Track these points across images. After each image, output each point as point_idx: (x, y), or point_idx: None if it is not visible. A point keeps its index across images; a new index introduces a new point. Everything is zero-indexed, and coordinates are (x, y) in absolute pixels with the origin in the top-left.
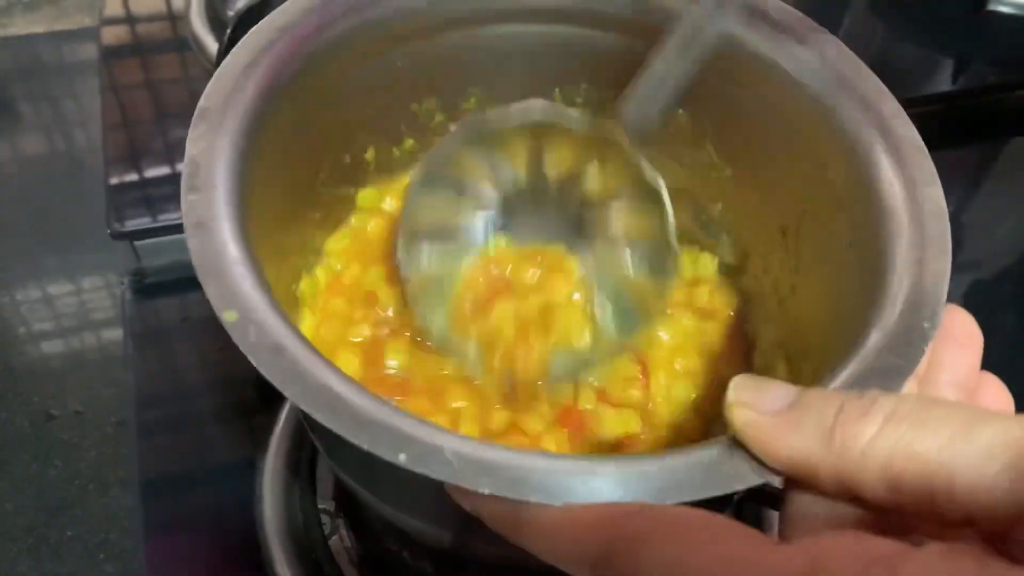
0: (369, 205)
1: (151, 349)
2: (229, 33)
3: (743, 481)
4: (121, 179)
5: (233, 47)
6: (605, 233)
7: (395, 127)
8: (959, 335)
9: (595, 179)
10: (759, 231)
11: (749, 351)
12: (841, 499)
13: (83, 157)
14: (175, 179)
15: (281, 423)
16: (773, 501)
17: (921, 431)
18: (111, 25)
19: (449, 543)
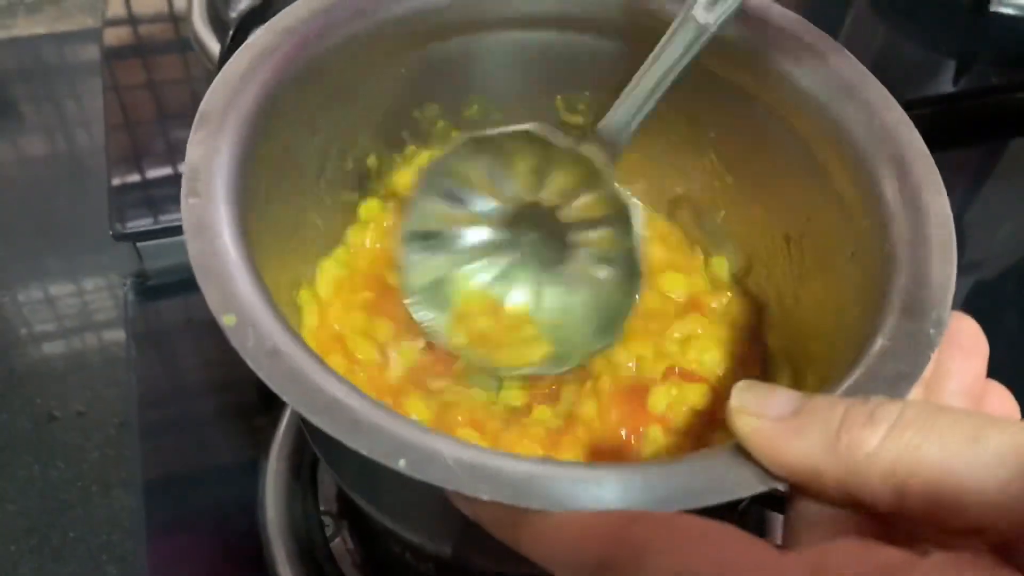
0: (369, 217)
1: (153, 350)
2: (231, 34)
3: (746, 488)
4: (123, 180)
5: (235, 49)
6: (580, 251)
7: (397, 134)
8: (965, 343)
9: (576, 198)
10: (763, 239)
11: (765, 358)
12: (846, 506)
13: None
14: (177, 180)
15: (283, 425)
16: (778, 504)
17: (927, 437)
18: (113, 26)
19: (449, 556)
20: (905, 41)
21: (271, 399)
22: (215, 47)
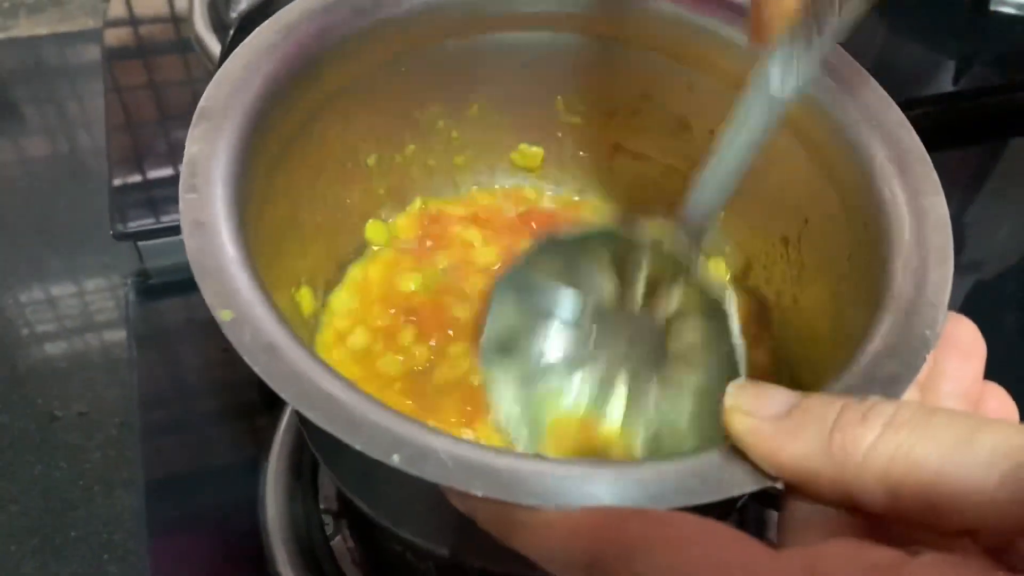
0: (377, 238)
1: (155, 350)
2: (231, 35)
3: (740, 487)
4: (125, 180)
5: (235, 48)
6: (674, 355)
7: (397, 133)
8: (962, 345)
9: (663, 294)
10: (761, 241)
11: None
12: (840, 506)
13: (87, 159)
14: (178, 180)
15: (284, 424)
16: (776, 502)
17: (921, 438)
18: (114, 27)
19: (447, 557)
20: (905, 40)
21: (272, 399)
22: (216, 48)
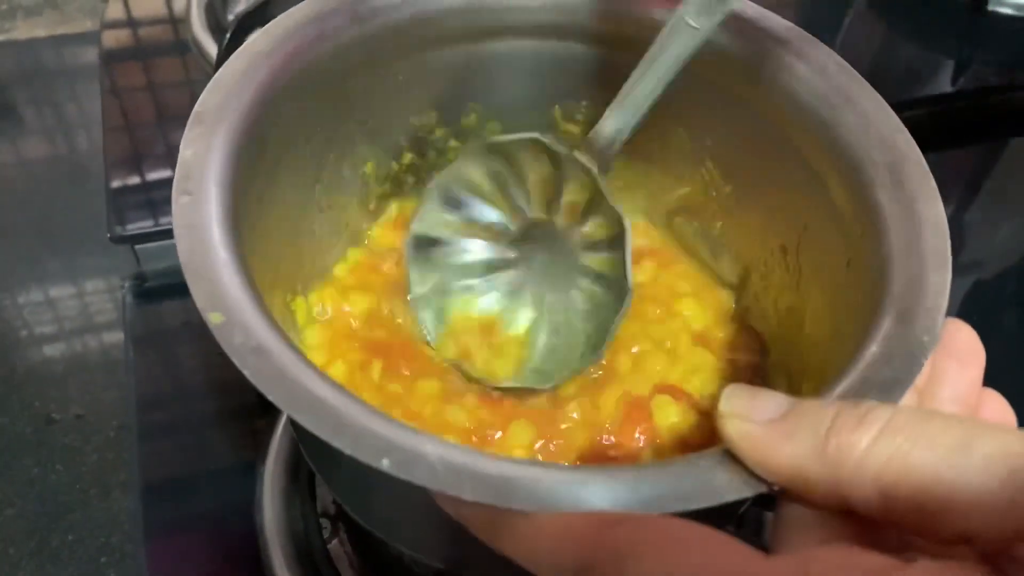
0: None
1: (152, 353)
2: (228, 37)
3: (734, 492)
4: (122, 182)
5: (232, 51)
6: (581, 273)
7: (395, 141)
8: (961, 350)
9: (582, 221)
10: (760, 248)
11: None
12: (835, 511)
13: (84, 160)
14: None
15: (281, 427)
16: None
17: (917, 443)
18: (112, 29)
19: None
20: (904, 41)
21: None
22: (213, 49)
